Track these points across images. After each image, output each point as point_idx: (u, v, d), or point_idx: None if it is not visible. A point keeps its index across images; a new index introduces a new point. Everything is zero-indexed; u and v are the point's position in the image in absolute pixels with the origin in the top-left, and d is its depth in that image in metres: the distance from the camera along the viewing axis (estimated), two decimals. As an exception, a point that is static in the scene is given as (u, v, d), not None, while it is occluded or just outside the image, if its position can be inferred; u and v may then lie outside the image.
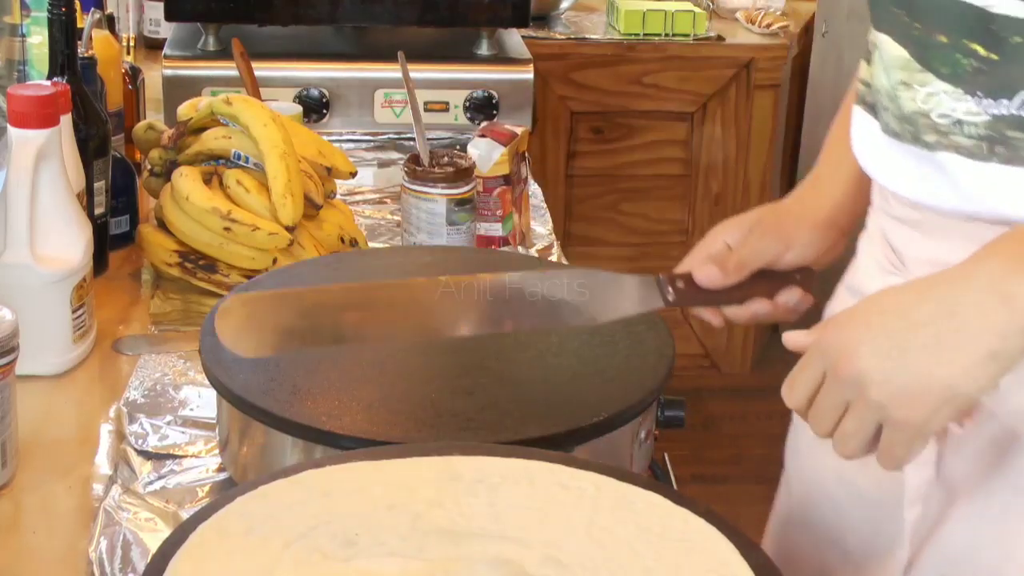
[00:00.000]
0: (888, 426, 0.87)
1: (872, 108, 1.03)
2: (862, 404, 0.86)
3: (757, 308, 1.10)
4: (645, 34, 2.98)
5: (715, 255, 1.10)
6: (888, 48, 0.98)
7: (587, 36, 2.96)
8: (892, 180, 1.03)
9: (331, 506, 0.88)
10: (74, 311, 1.33)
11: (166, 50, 2.26)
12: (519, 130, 1.71)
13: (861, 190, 1.13)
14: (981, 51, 0.91)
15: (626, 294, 1.08)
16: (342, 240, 1.57)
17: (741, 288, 1.09)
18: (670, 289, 1.08)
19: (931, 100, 0.94)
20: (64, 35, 1.47)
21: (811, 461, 1.17)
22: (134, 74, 1.91)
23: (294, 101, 2.15)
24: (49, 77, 1.48)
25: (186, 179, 1.51)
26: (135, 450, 1.19)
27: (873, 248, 1.11)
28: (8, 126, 1.31)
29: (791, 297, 1.10)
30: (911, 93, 0.96)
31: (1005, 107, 0.91)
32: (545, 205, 1.93)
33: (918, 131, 0.97)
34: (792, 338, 0.94)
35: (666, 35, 2.99)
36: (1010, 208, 0.92)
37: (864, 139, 1.05)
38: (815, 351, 0.90)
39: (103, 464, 1.18)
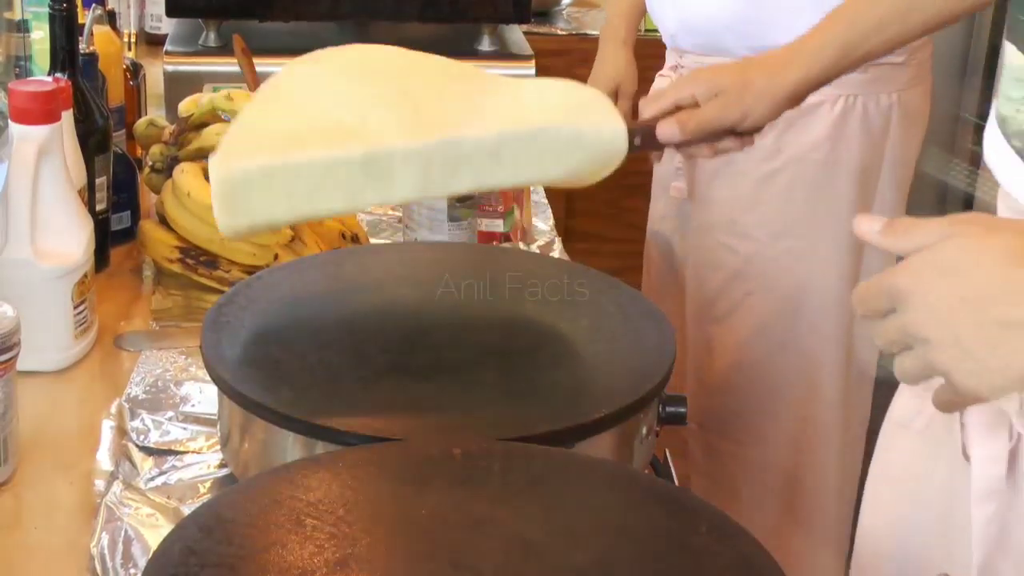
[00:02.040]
0: (949, 385, 0.84)
1: (1003, 121, 0.99)
2: (926, 360, 0.84)
3: (696, 152, 1.27)
4: (647, 30, 2.97)
5: (680, 113, 1.24)
6: (1012, 57, 0.95)
7: (588, 32, 2.96)
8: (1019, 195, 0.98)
9: None
10: (75, 307, 1.33)
11: (167, 46, 2.26)
12: (520, 126, 1.71)
13: (837, 66, 1.29)
14: None
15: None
16: (343, 236, 1.57)
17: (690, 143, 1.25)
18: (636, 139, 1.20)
19: None
20: (65, 31, 1.47)
21: (883, 454, 1.16)
22: (135, 70, 1.91)
23: (295, 97, 2.15)
24: (50, 73, 1.48)
25: (187, 175, 1.51)
26: (136, 446, 1.19)
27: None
28: (9, 122, 1.31)
29: (729, 145, 1.27)
30: None
31: None
32: (546, 201, 1.94)
33: None
34: (863, 229, 0.90)
35: (667, 31, 2.98)
36: None
37: (994, 146, 1.01)
38: (893, 286, 0.85)
39: (104, 460, 1.18)
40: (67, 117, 1.39)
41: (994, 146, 1.00)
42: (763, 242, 1.77)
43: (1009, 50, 0.95)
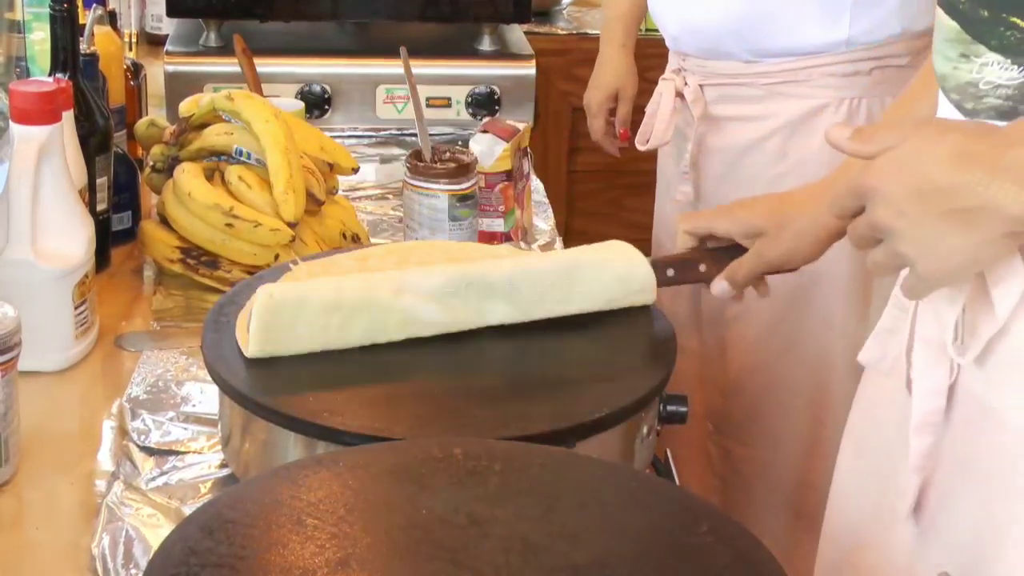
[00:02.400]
0: (912, 272, 0.95)
1: (943, 78, 1.05)
2: (892, 250, 0.94)
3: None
4: (647, 29, 2.97)
5: (727, 270, 1.26)
6: (942, 20, 1.01)
7: (589, 31, 2.96)
8: None
9: None
10: (76, 307, 1.33)
11: (168, 46, 2.26)
12: (521, 126, 1.71)
13: None
14: (1021, 23, 0.95)
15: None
16: (344, 236, 1.57)
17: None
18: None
19: (984, 70, 0.99)
20: (66, 31, 1.48)
21: (855, 403, 1.23)
22: (136, 70, 1.91)
23: (296, 97, 2.15)
24: (51, 73, 1.48)
25: (188, 175, 1.51)
26: (137, 446, 1.19)
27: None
28: (10, 122, 1.31)
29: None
30: (969, 65, 1.00)
31: None
32: (547, 200, 1.94)
33: (963, 99, 1.01)
34: (834, 137, 1.00)
35: (668, 30, 2.98)
36: None
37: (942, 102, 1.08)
38: (861, 185, 0.95)
39: (105, 460, 1.18)
40: (68, 117, 1.39)
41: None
42: None
43: (940, 14, 1.02)
